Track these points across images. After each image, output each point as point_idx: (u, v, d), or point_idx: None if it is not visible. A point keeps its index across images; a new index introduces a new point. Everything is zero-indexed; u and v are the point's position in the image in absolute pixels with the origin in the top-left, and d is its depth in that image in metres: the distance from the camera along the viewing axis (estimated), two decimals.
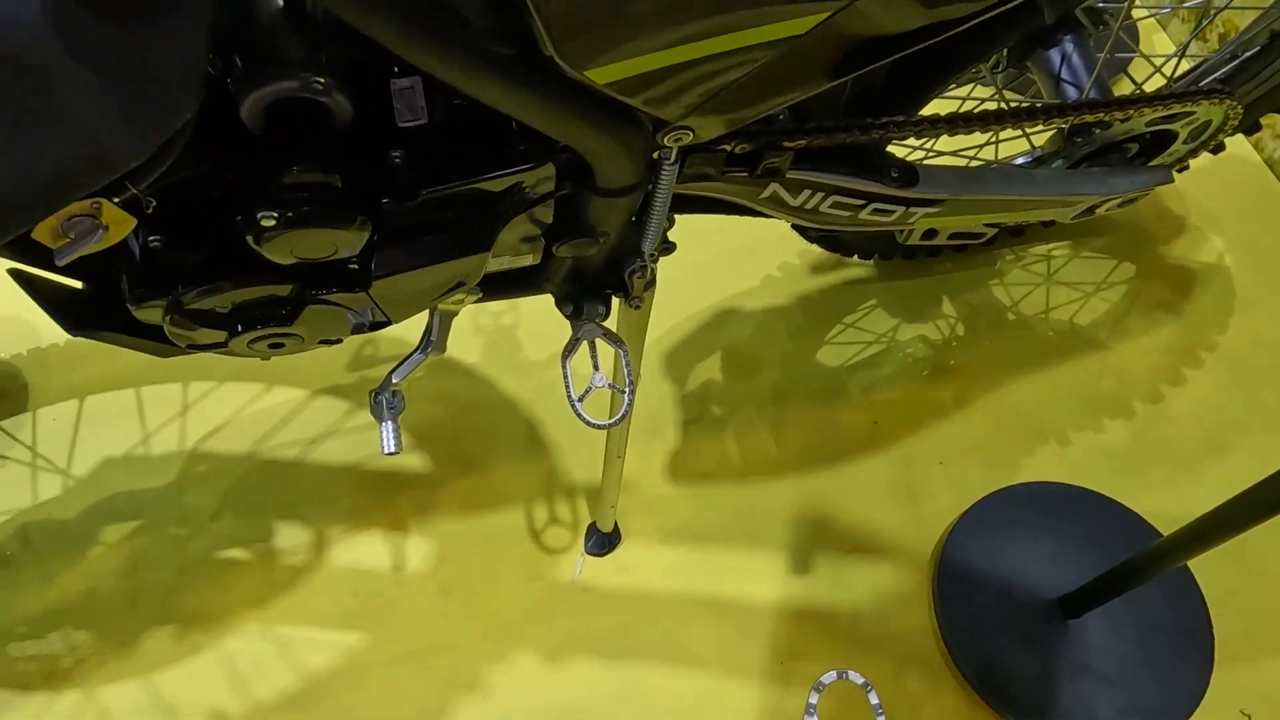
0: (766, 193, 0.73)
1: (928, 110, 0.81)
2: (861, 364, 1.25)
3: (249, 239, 0.53)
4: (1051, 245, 1.37)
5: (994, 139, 1.11)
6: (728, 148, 0.64)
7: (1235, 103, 0.94)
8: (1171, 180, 1.01)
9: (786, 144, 0.66)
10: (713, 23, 0.43)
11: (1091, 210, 0.99)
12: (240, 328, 0.59)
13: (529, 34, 0.44)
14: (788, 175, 0.71)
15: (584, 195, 0.60)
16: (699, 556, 1.08)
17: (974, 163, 1.11)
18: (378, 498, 1.11)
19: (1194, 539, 0.84)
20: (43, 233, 0.39)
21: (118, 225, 0.41)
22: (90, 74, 0.33)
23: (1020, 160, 1.14)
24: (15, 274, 0.58)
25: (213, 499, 1.10)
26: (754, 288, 1.31)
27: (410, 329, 0.77)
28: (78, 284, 0.63)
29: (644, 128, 0.54)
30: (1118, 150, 1.00)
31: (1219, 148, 1.13)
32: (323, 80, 0.49)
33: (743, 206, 0.76)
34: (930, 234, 1.01)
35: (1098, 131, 0.96)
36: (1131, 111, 0.82)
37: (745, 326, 1.27)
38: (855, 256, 1.27)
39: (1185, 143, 1.05)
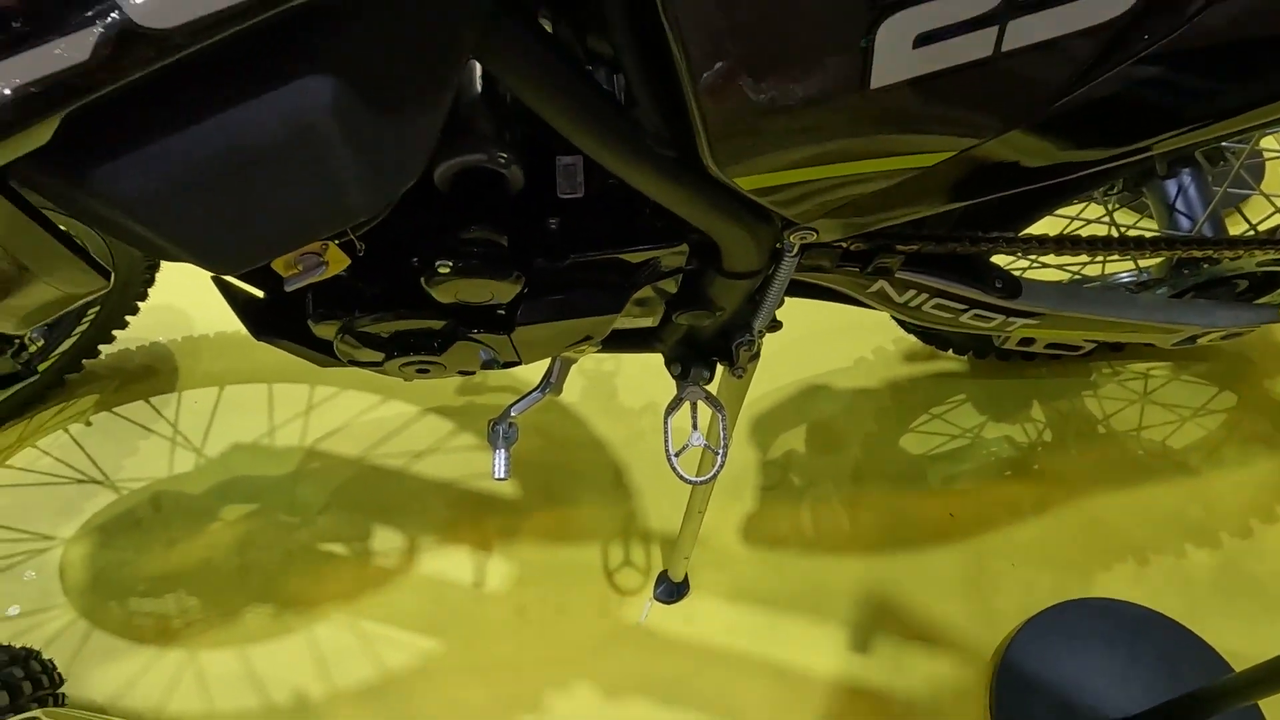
0: (874, 288, 0.78)
1: (1038, 226, 0.86)
2: (944, 455, 1.27)
3: (421, 279, 0.61)
4: (1151, 364, 1.37)
5: (1100, 259, 1.13)
6: (844, 245, 0.70)
7: None
8: (1278, 320, 1.02)
9: (899, 247, 0.72)
10: (850, 151, 0.50)
11: (1193, 339, 1.01)
12: (397, 352, 0.67)
13: (685, 135, 0.52)
14: (896, 275, 0.76)
15: (709, 274, 0.67)
16: (762, 619, 1.12)
17: (1078, 276, 1.13)
18: (468, 516, 1.19)
19: (1268, 678, 0.83)
20: (279, 263, 0.48)
21: (336, 263, 0.50)
22: (353, 147, 0.41)
23: (1125, 278, 1.16)
24: (217, 281, 0.69)
25: (322, 494, 1.20)
26: (846, 367, 1.35)
27: (522, 368, 0.84)
28: (260, 293, 0.73)
29: (773, 224, 0.61)
30: (1225, 285, 1.01)
31: None
32: (506, 155, 0.57)
33: (849, 296, 0.82)
34: (1027, 341, 1.04)
35: (1206, 266, 0.98)
36: (1241, 251, 0.84)
37: (833, 404, 1.31)
38: (950, 351, 1.30)
39: None
